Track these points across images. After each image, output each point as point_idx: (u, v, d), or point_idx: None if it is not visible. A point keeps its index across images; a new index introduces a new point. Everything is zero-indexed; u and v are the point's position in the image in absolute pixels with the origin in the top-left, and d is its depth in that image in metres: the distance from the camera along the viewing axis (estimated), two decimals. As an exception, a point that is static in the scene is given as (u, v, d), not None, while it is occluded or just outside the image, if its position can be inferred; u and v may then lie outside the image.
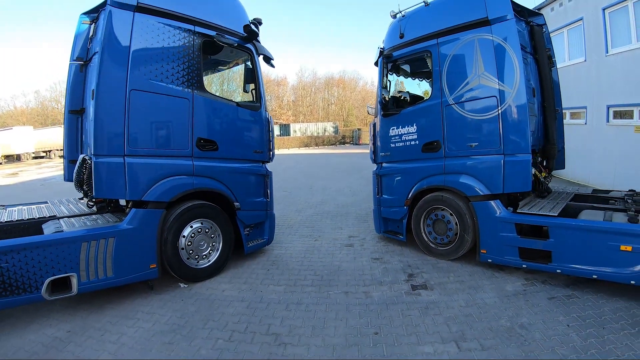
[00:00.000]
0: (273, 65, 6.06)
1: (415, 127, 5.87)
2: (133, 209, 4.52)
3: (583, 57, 11.69)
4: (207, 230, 5.13)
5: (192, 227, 4.98)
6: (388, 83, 6.50)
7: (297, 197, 11.46)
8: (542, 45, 6.06)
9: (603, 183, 9.73)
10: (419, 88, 7.31)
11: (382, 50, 6.38)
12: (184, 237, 4.90)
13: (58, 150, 37.75)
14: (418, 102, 6.21)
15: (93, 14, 5.56)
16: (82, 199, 5.88)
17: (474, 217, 5.19)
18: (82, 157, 5.03)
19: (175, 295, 4.67)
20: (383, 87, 6.39)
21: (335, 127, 54.07)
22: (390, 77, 6.61)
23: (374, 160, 6.76)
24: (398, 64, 6.53)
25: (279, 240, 6.77)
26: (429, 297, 4.48)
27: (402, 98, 6.62)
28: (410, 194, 5.94)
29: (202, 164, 5.04)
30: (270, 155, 6.03)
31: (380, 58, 6.38)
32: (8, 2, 66.09)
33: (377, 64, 6.51)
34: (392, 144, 6.24)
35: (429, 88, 6.08)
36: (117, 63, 4.36)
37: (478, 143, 5.17)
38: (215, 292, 4.76)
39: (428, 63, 5.90)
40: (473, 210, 5.20)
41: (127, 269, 4.42)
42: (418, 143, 5.84)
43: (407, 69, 6.95)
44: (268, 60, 5.90)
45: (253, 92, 5.84)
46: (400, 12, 6.09)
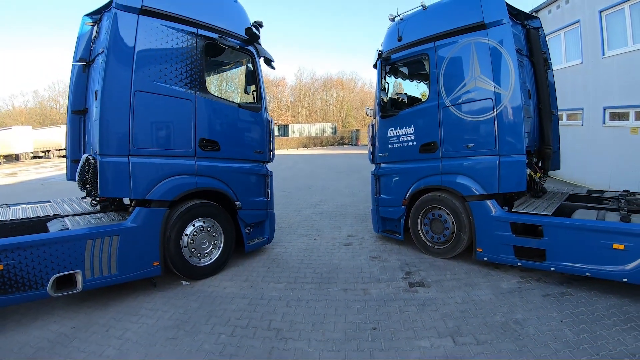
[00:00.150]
0: (274, 67, 6.12)
1: (413, 128, 5.93)
2: (137, 208, 4.57)
3: (580, 59, 11.73)
4: (209, 229, 5.17)
5: (194, 225, 5.03)
6: (386, 85, 6.56)
7: (296, 197, 11.49)
8: (538, 48, 6.12)
9: (599, 184, 9.73)
10: (417, 90, 7.38)
11: (380, 53, 6.44)
12: (187, 235, 4.95)
13: (57, 150, 37.65)
14: (416, 103, 6.26)
15: (96, 16, 5.63)
16: (84, 198, 5.91)
17: (470, 216, 5.25)
18: (85, 156, 5.09)
19: (178, 292, 4.72)
20: (381, 89, 6.45)
21: (334, 128, 54.07)
22: (389, 79, 6.66)
23: (373, 161, 6.81)
24: (396, 67, 6.58)
25: (279, 239, 6.81)
26: (426, 294, 4.55)
27: (400, 100, 6.67)
28: (408, 194, 6.00)
29: (204, 164, 5.09)
30: (271, 156, 6.09)
31: (379, 60, 6.45)
32: (7, 2, 66.06)
33: (375, 67, 6.58)
34: (390, 145, 6.30)
35: (427, 90, 6.13)
36: (122, 64, 4.41)
37: (474, 144, 5.24)
38: (217, 289, 4.81)
39: (426, 65, 5.95)
40: (469, 210, 5.27)
41: (131, 267, 4.47)
42: (415, 144, 5.90)
43: (405, 71, 7.00)
44: (269, 62, 5.95)
45: (254, 93, 5.89)
46: (399, 15, 6.15)
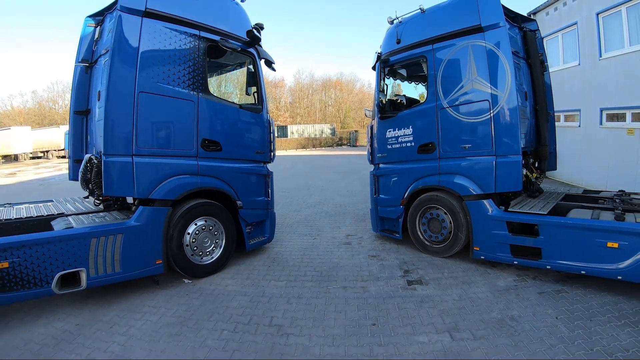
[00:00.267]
0: (274, 69, 6.20)
1: (411, 129, 6.00)
2: (140, 207, 4.63)
3: (577, 60, 11.80)
4: (210, 228, 5.23)
5: (196, 224, 5.09)
6: (385, 87, 6.63)
7: (295, 197, 11.56)
8: (534, 50, 6.21)
9: (596, 184, 9.78)
10: (415, 91, 7.45)
11: (379, 55, 6.52)
12: (189, 234, 5.01)
13: (56, 151, 37.70)
14: (414, 105, 6.34)
15: (98, 17, 5.71)
16: (87, 198, 5.95)
17: (467, 215, 5.33)
18: (87, 156, 5.16)
19: (180, 290, 4.78)
20: (380, 90, 6.52)
21: (333, 128, 54.13)
22: (388, 80, 6.74)
23: (372, 161, 6.87)
24: (395, 68, 6.66)
25: (279, 239, 6.87)
26: (424, 291, 4.62)
27: (398, 101, 6.74)
28: (406, 194, 6.07)
29: (206, 164, 5.15)
30: (271, 156, 6.15)
31: (378, 62, 6.52)
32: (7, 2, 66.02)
33: (374, 68, 6.65)
34: (388, 146, 6.37)
35: (425, 92, 6.21)
36: (126, 66, 4.46)
37: (471, 145, 5.32)
38: (219, 287, 4.87)
39: (424, 68, 6.02)
40: (466, 209, 5.34)
41: (134, 265, 4.52)
42: (414, 145, 5.97)
43: (403, 73, 7.09)
44: (269, 64, 6.03)
45: (255, 94, 5.95)
46: (398, 18, 6.21)
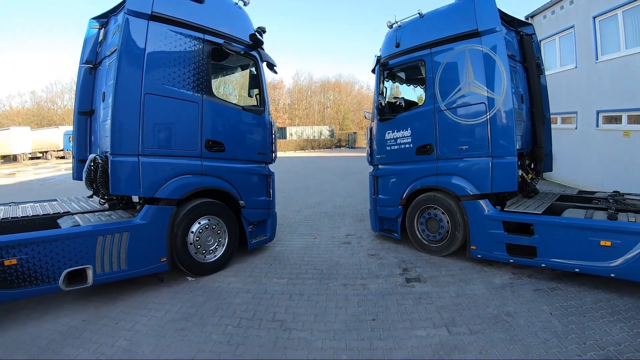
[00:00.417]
0: (276, 72, 6.32)
1: (410, 131, 6.12)
2: (146, 206, 4.72)
3: (574, 63, 11.92)
4: (214, 227, 5.33)
5: (200, 223, 5.18)
6: (384, 89, 6.74)
7: (295, 198, 11.65)
8: (531, 54, 6.34)
9: (593, 185, 9.82)
10: (414, 94, 7.57)
11: (379, 58, 6.63)
12: (193, 232, 5.10)
13: (55, 151, 37.71)
14: (412, 107, 6.45)
15: (102, 19, 5.82)
16: (90, 197, 6.03)
17: (465, 215, 5.44)
18: (92, 156, 5.26)
19: (184, 288, 4.87)
20: (379, 93, 6.63)
21: (331, 130, 54.26)
22: (387, 83, 6.85)
23: (371, 162, 6.98)
24: (394, 72, 6.77)
25: (280, 238, 6.97)
26: (422, 288, 4.74)
27: (397, 104, 6.84)
28: (405, 194, 6.18)
29: (210, 164, 5.25)
30: (273, 157, 6.26)
31: (377, 66, 6.63)
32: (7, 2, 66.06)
33: (374, 71, 6.76)
34: (387, 147, 6.48)
35: (423, 94, 6.33)
36: (133, 68, 4.56)
37: (468, 146, 5.44)
38: (222, 284, 4.97)
39: (422, 71, 6.13)
40: (463, 209, 5.45)
41: (139, 262, 4.61)
42: (412, 146, 6.09)
43: (402, 76, 7.21)
44: (271, 67, 6.14)
45: (257, 96, 6.05)
46: (397, 22, 6.35)
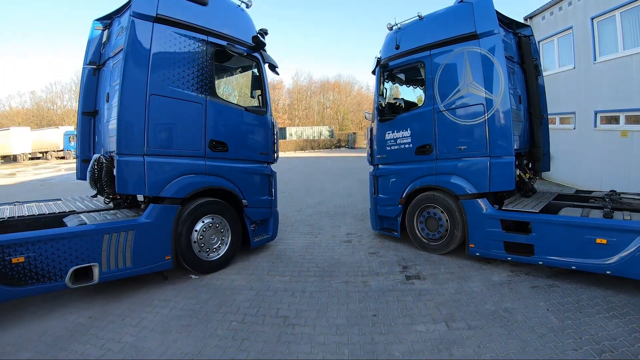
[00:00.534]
0: (278, 73, 6.39)
1: (410, 131, 6.21)
2: (151, 204, 4.80)
3: (572, 64, 12.00)
4: (217, 226, 5.41)
5: (203, 222, 5.26)
6: (384, 90, 6.84)
7: (296, 198, 11.73)
8: (529, 55, 6.43)
9: (591, 185, 9.90)
10: (413, 95, 7.67)
11: (379, 60, 6.72)
12: (196, 231, 5.18)
13: (55, 152, 37.77)
14: (412, 108, 6.54)
15: (106, 21, 5.91)
16: (94, 197, 6.09)
17: (463, 214, 5.54)
18: (96, 156, 5.35)
19: (188, 285, 4.96)
20: (380, 94, 6.73)
21: (331, 130, 54.30)
22: (387, 84, 6.94)
23: (371, 162, 7.07)
24: (394, 73, 6.86)
25: (282, 237, 7.06)
26: (422, 285, 4.84)
27: (397, 104, 6.94)
28: (405, 194, 6.27)
29: (213, 164, 5.33)
30: (275, 157, 6.34)
31: (378, 67, 6.73)
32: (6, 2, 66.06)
33: (374, 73, 6.86)
34: (387, 147, 6.57)
35: (422, 95, 6.41)
36: (138, 70, 4.63)
37: (467, 146, 5.53)
38: (225, 282, 5.05)
39: (421, 72, 6.22)
40: (462, 208, 5.55)
41: (144, 260, 4.69)
42: (412, 146, 6.18)
43: (402, 78, 7.31)
44: (273, 68, 6.21)
45: (259, 97, 6.15)
46: (397, 24, 6.43)
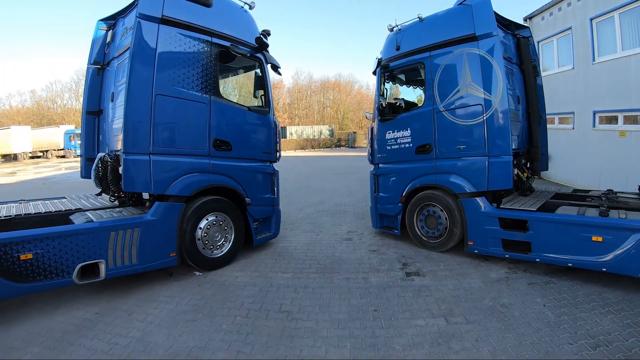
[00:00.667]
0: (280, 74, 6.48)
1: (410, 131, 6.31)
2: (156, 202, 4.88)
3: (571, 64, 12.09)
4: (221, 223, 5.50)
5: (207, 219, 5.35)
6: (385, 91, 6.93)
7: (297, 196, 11.83)
8: (527, 56, 6.53)
9: (590, 185, 9.97)
10: (413, 95, 7.76)
11: (380, 61, 6.82)
12: (201, 229, 5.27)
13: (55, 150, 37.85)
14: (412, 108, 6.64)
15: (110, 21, 6.00)
16: (99, 195, 6.19)
17: (462, 212, 5.63)
18: (100, 155, 5.45)
19: (193, 282, 5.05)
20: (380, 94, 6.82)
21: (331, 130, 54.41)
22: (387, 85, 7.04)
23: (372, 161, 7.16)
24: (394, 74, 6.96)
25: (284, 235, 7.15)
26: (422, 282, 4.94)
27: (397, 104, 7.03)
28: (405, 192, 6.37)
29: (217, 163, 5.42)
30: (277, 156, 6.45)
31: (378, 68, 6.82)
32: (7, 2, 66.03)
33: (375, 73, 6.95)
34: (388, 147, 6.67)
35: (422, 96, 6.51)
36: (144, 70, 4.72)
37: (465, 146, 5.63)
38: (229, 278, 5.15)
39: (421, 73, 6.32)
40: (461, 207, 5.65)
41: (150, 257, 4.78)
42: (412, 146, 6.28)
43: (402, 78, 7.41)
44: (276, 69, 6.29)
45: (262, 97, 6.23)
46: (397, 26, 6.52)
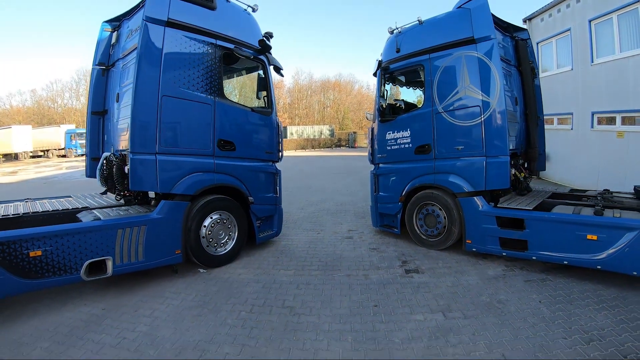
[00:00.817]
0: (282, 75, 6.60)
1: (409, 131, 6.43)
2: (162, 201, 5.00)
3: (570, 65, 12.21)
4: (225, 221, 5.61)
5: (212, 218, 5.46)
6: (385, 92, 7.06)
7: (298, 196, 11.93)
8: (525, 58, 6.66)
9: (587, 185, 10.07)
10: (413, 97, 7.89)
11: (380, 63, 6.94)
12: (205, 227, 5.39)
13: (56, 150, 37.98)
14: (412, 109, 6.77)
15: (114, 23, 6.12)
16: (103, 194, 6.31)
17: (460, 211, 5.75)
18: (106, 155, 5.56)
19: (197, 279, 5.16)
20: (381, 95, 6.95)
21: (331, 130, 54.54)
22: (388, 86, 7.16)
23: (372, 161, 7.29)
24: (394, 75, 7.08)
25: (285, 233, 7.26)
26: (420, 279, 5.06)
27: (397, 105, 7.17)
28: (404, 192, 6.48)
29: (221, 162, 5.53)
30: (280, 156, 6.55)
31: (379, 69, 6.95)
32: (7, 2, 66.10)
33: (375, 75, 7.07)
34: (388, 147, 6.79)
35: (422, 97, 6.64)
36: (151, 72, 4.83)
37: (464, 146, 5.75)
38: (233, 275, 5.26)
39: (421, 75, 6.44)
40: (459, 206, 5.76)
41: (156, 254, 4.89)
42: (411, 146, 6.40)
43: (402, 80, 7.53)
44: (278, 70, 6.40)
45: (265, 98, 6.35)
46: (397, 28, 6.66)
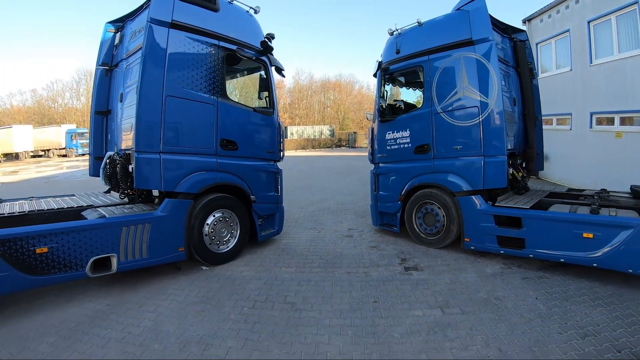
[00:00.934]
0: (284, 76, 6.70)
1: (409, 132, 6.52)
2: (166, 199, 5.09)
3: (569, 66, 12.30)
4: (227, 220, 5.70)
5: (214, 216, 5.55)
6: (385, 92, 7.15)
7: (298, 195, 12.03)
8: (523, 59, 6.75)
9: (586, 185, 10.03)
10: (413, 97, 7.97)
11: (380, 63, 7.03)
12: (208, 224, 5.47)
13: (57, 149, 38.08)
14: (411, 110, 6.85)
15: (118, 23, 6.21)
16: (107, 192, 6.40)
17: (459, 210, 5.84)
18: (109, 154, 5.65)
19: (200, 276, 5.25)
20: (381, 96, 7.04)
21: (332, 130, 54.59)
22: (387, 87, 7.26)
23: (372, 161, 7.38)
24: (394, 76, 7.17)
25: (286, 232, 7.36)
26: (419, 276, 5.15)
27: (397, 106, 7.25)
28: (404, 191, 6.57)
29: (224, 161, 5.62)
30: (281, 155, 6.63)
31: (379, 70, 7.04)
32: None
33: (375, 76, 7.16)
34: (388, 147, 6.88)
35: (421, 98, 6.73)
36: (155, 73, 4.92)
37: (462, 146, 5.85)
38: (235, 272, 5.35)
39: (420, 76, 6.53)
40: (458, 204, 5.85)
41: (159, 251, 4.97)
42: (411, 146, 6.49)
43: (402, 80, 7.63)
44: (279, 71, 6.49)
45: (266, 99, 6.44)
46: (397, 30, 6.75)
